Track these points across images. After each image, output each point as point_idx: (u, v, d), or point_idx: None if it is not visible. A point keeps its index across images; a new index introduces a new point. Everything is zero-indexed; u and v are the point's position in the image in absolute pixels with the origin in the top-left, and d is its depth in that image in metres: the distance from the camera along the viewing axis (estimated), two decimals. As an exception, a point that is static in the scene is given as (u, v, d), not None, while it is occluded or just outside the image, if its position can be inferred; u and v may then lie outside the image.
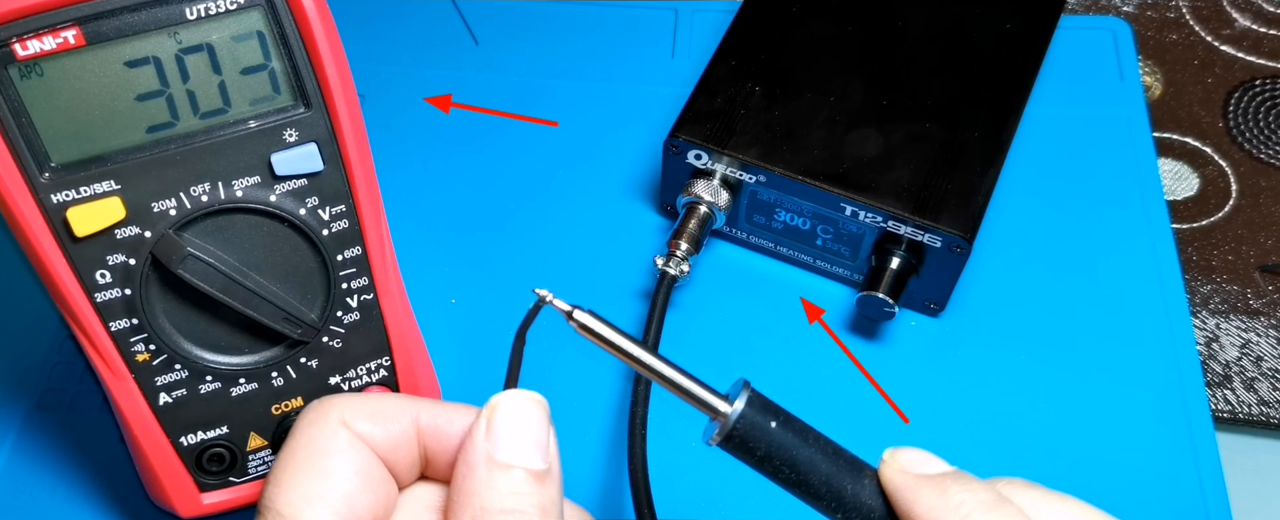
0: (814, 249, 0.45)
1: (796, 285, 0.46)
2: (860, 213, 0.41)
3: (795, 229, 0.44)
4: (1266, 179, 0.50)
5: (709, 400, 0.29)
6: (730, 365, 0.44)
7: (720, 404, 0.29)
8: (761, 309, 0.45)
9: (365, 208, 0.35)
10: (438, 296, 0.45)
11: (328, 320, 0.36)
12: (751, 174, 0.42)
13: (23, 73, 0.30)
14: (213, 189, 0.33)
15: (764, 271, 0.46)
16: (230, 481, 0.37)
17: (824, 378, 0.43)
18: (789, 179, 0.42)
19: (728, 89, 0.44)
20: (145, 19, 0.30)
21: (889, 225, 0.41)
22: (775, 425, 0.29)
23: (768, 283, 0.46)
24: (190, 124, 0.32)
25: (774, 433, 0.29)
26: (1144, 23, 0.56)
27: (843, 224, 0.43)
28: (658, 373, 0.29)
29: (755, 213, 0.44)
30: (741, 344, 0.44)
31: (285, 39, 0.32)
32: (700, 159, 0.43)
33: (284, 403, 0.37)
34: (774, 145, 0.42)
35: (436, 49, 0.53)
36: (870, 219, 0.41)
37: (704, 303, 0.45)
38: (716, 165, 0.43)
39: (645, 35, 0.54)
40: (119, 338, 0.34)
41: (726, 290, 0.46)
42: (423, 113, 0.51)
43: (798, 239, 0.45)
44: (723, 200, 0.43)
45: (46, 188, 0.31)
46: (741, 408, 0.29)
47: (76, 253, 0.32)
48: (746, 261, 0.47)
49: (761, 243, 0.46)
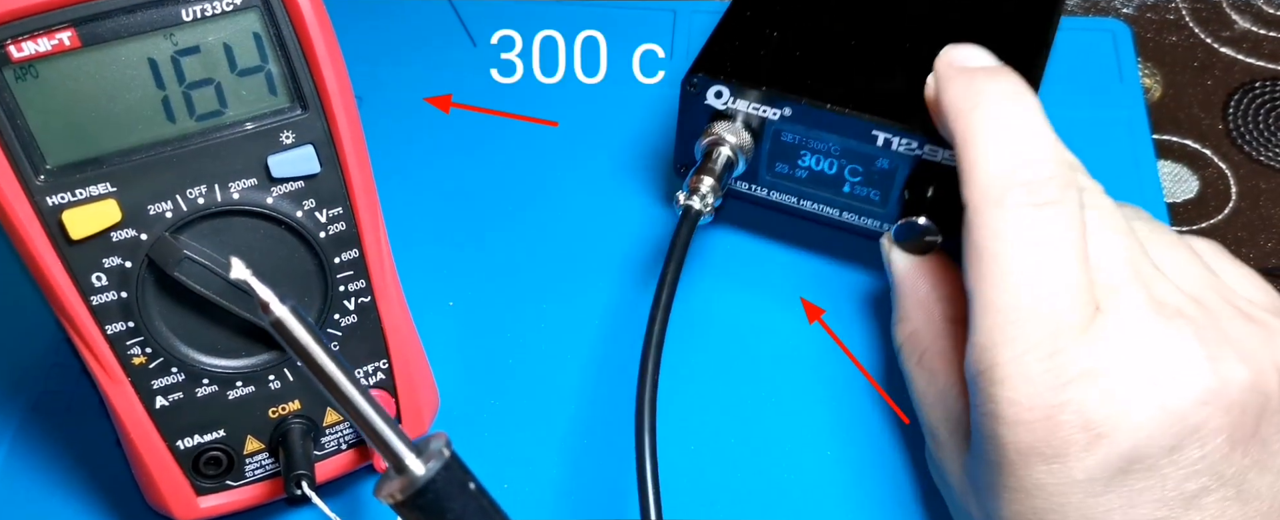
0: (841, 198, 0.42)
1: (798, 282, 0.45)
2: (893, 140, 0.39)
3: (821, 175, 0.42)
4: (1266, 181, 0.50)
5: (400, 451, 0.26)
6: (729, 363, 0.43)
7: (411, 459, 0.27)
8: (761, 305, 0.45)
9: (363, 210, 0.34)
10: (436, 299, 0.45)
11: (325, 323, 0.36)
12: (777, 108, 0.40)
13: (18, 75, 0.30)
14: (209, 191, 0.32)
15: (765, 268, 0.46)
16: (227, 485, 0.37)
17: (823, 376, 0.43)
18: (817, 108, 0.39)
19: (746, 32, 0.42)
20: (141, 21, 0.30)
21: (924, 151, 0.39)
22: (473, 488, 0.27)
23: (769, 278, 0.46)
24: (186, 126, 0.32)
25: (470, 495, 0.27)
26: (1143, 24, 0.56)
27: (873, 159, 0.40)
28: (351, 402, 0.26)
29: (778, 160, 0.42)
30: (740, 341, 0.44)
31: (282, 40, 0.32)
32: (721, 97, 0.40)
33: (281, 406, 0.36)
34: (799, 77, 0.40)
35: (434, 50, 0.53)
36: (904, 147, 0.39)
37: (703, 299, 0.45)
38: (738, 103, 0.40)
39: (644, 36, 0.54)
40: (115, 341, 0.34)
41: (726, 287, 0.45)
42: (421, 114, 0.51)
43: (824, 187, 0.42)
44: (746, 142, 0.40)
45: (42, 190, 0.31)
46: (437, 468, 0.26)
47: (72, 255, 0.32)
48: (747, 256, 0.46)
49: (783, 199, 0.43)
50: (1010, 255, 0.31)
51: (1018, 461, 0.31)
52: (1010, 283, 0.31)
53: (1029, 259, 0.31)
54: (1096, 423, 0.30)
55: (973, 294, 0.32)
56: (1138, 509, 0.30)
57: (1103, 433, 0.30)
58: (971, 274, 0.32)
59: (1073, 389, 0.30)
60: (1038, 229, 0.31)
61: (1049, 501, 0.31)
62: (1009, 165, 0.32)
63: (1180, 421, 0.30)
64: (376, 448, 0.27)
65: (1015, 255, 0.31)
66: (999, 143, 0.32)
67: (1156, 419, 0.30)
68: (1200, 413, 0.30)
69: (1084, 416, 0.30)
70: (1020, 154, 0.32)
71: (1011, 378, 0.31)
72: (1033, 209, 0.31)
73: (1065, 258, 0.31)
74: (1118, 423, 0.30)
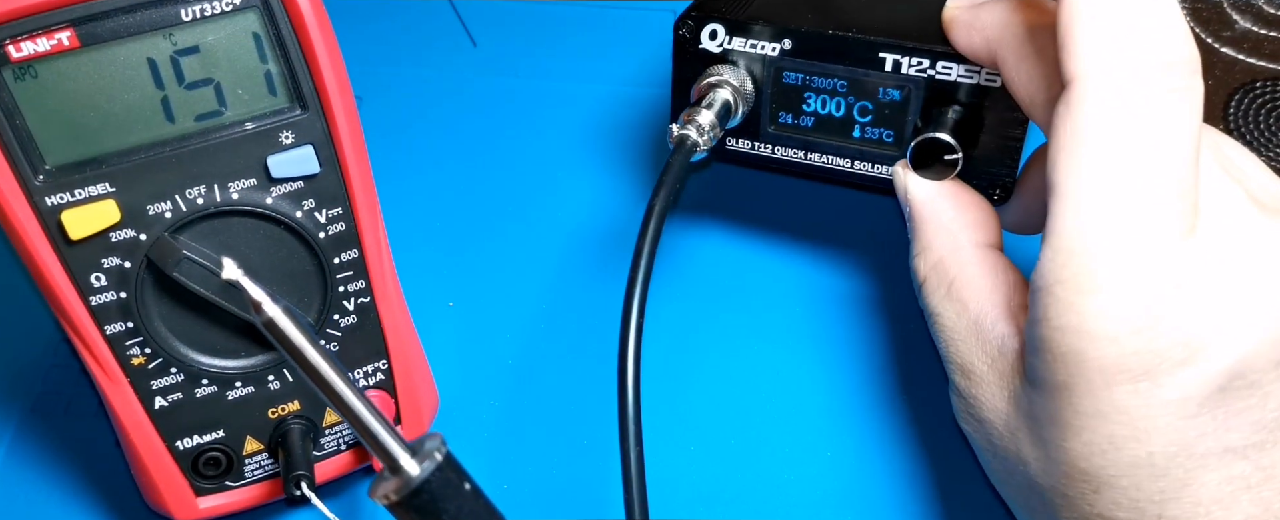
0: (851, 144, 0.39)
1: (795, 279, 0.45)
2: (903, 62, 0.36)
3: (828, 119, 0.39)
4: (1267, 181, 0.50)
5: (395, 452, 0.26)
6: (722, 363, 0.43)
7: (406, 459, 0.26)
8: (754, 305, 0.45)
9: (362, 210, 0.34)
10: (435, 300, 0.45)
11: (324, 323, 0.36)
12: (777, 41, 0.37)
13: (17, 75, 0.30)
14: (208, 191, 0.32)
15: (761, 265, 0.46)
16: (226, 486, 0.37)
17: (817, 375, 0.43)
18: (819, 34, 0.37)
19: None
20: (140, 20, 0.30)
21: (938, 70, 0.36)
22: (468, 489, 0.27)
23: (761, 278, 0.45)
24: (186, 126, 0.32)
25: (465, 497, 0.27)
26: None
27: (883, 90, 0.37)
28: (344, 402, 0.26)
29: (781, 109, 0.39)
30: (733, 337, 0.44)
31: (281, 41, 0.32)
32: (716, 38, 0.38)
33: (280, 406, 0.36)
34: (797, 9, 0.38)
35: (434, 51, 0.53)
36: (917, 68, 0.36)
37: (695, 298, 0.45)
38: (736, 41, 0.38)
39: (644, 37, 0.53)
40: (114, 341, 0.34)
41: (718, 286, 0.45)
42: (420, 115, 0.51)
43: (832, 133, 0.39)
44: (745, 85, 0.38)
45: (41, 190, 0.31)
46: (432, 468, 0.26)
47: (71, 256, 0.32)
48: (740, 253, 0.46)
49: (790, 154, 0.40)
50: (1124, 145, 0.27)
51: (1099, 381, 0.28)
52: (1117, 178, 0.27)
53: (1145, 152, 0.27)
54: (1196, 336, 0.27)
55: (1062, 191, 0.28)
56: (1232, 433, 0.27)
57: (1201, 346, 0.27)
58: (1063, 166, 0.28)
59: (1172, 300, 0.27)
60: (1163, 117, 0.27)
61: (1131, 427, 0.28)
62: (1141, 35, 0.27)
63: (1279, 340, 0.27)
64: (371, 448, 0.27)
65: (1130, 146, 0.27)
66: (1131, 8, 0.28)
67: (1263, 331, 0.27)
68: None
69: (1184, 329, 0.27)
70: (1154, 24, 0.27)
71: (1106, 286, 0.27)
72: (1163, 94, 0.27)
73: (1184, 154, 0.27)
74: (1220, 336, 0.27)
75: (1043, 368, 0.29)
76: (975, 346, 0.33)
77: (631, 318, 0.33)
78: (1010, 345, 0.31)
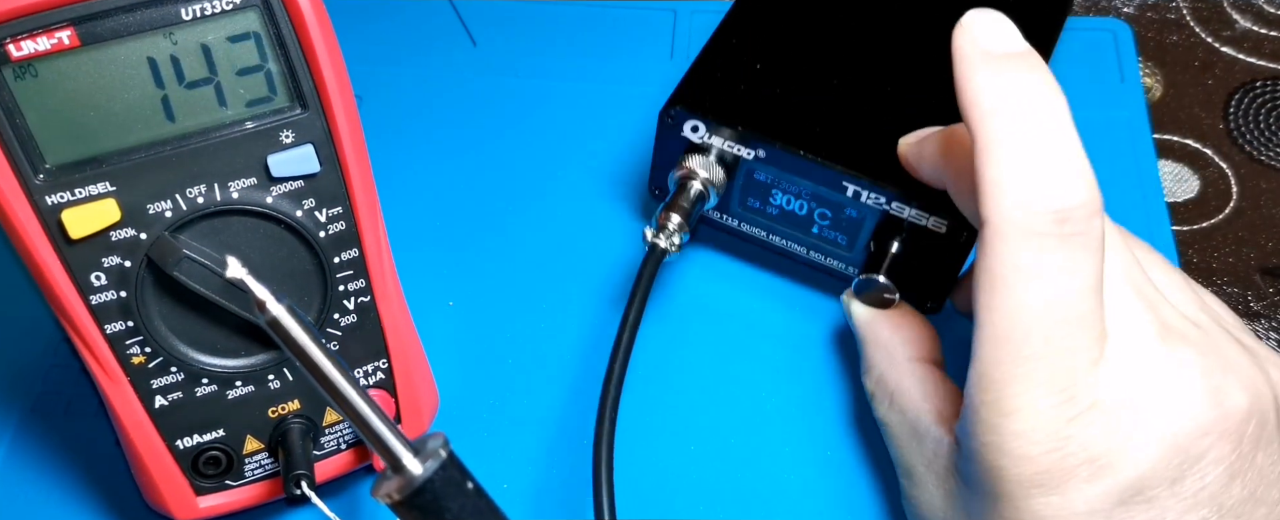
0: (809, 237, 0.43)
1: (787, 299, 0.45)
2: (863, 193, 0.39)
3: (791, 214, 0.42)
4: (1267, 181, 0.50)
5: (398, 451, 0.26)
6: (707, 368, 0.43)
7: (409, 458, 0.26)
8: (750, 321, 0.45)
9: (362, 210, 0.34)
10: (435, 299, 0.45)
11: (324, 323, 0.36)
12: (751, 148, 0.40)
13: (17, 74, 0.29)
14: (209, 191, 0.32)
15: (754, 282, 0.46)
16: (227, 485, 0.37)
17: (820, 390, 0.43)
18: (790, 154, 0.40)
19: (728, 64, 0.42)
20: (140, 20, 0.30)
21: (892, 207, 0.39)
22: (471, 487, 0.27)
23: (757, 292, 0.45)
24: (186, 125, 0.32)
25: (468, 495, 0.27)
26: (1144, 24, 0.55)
27: (842, 207, 0.41)
28: (348, 401, 0.26)
29: (750, 195, 0.42)
30: (718, 343, 0.44)
31: (281, 40, 0.31)
32: (697, 131, 0.40)
33: (281, 405, 0.36)
34: (776, 119, 0.40)
35: (434, 50, 0.53)
36: (873, 200, 0.39)
37: (689, 314, 0.45)
38: (714, 139, 0.40)
39: (644, 36, 0.53)
40: (114, 340, 0.34)
41: (713, 301, 0.45)
42: (420, 114, 0.51)
43: (793, 225, 0.43)
44: (718, 178, 0.41)
45: (41, 189, 0.31)
46: (434, 467, 0.26)
47: (71, 255, 0.32)
48: (734, 273, 0.46)
49: (753, 231, 0.44)
50: (1028, 287, 0.29)
51: (1018, 493, 0.30)
52: (1024, 315, 0.29)
53: (1047, 292, 0.29)
54: (1101, 455, 0.30)
55: (981, 322, 0.30)
56: None
57: (1106, 464, 0.30)
58: (982, 301, 0.30)
59: (1080, 421, 0.30)
60: (1061, 261, 0.29)
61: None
62: (1039, 188, 0.29)
63: (1183, 453, 0.30)
64: (373, 447, 0.27)
65: (1034, 287, 0.29)
66: (1030, 159, 0.29)
67: (1160, 451, 0.30)
68: (1202, 443, 0.30)
69: (1089, 449, 0.30)
70: (1052, 175, 0.29)
71: (1020, 410, 0.30)
72: (1059, 240, 0.29)
73: (1085, 290, 0.29)
74: (1122, 454, 0.30)
75: (972, 475, 0.32)
76: (915, 450, 0.36)
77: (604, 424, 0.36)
78: (944, 448, 0.34)
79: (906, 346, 0.38)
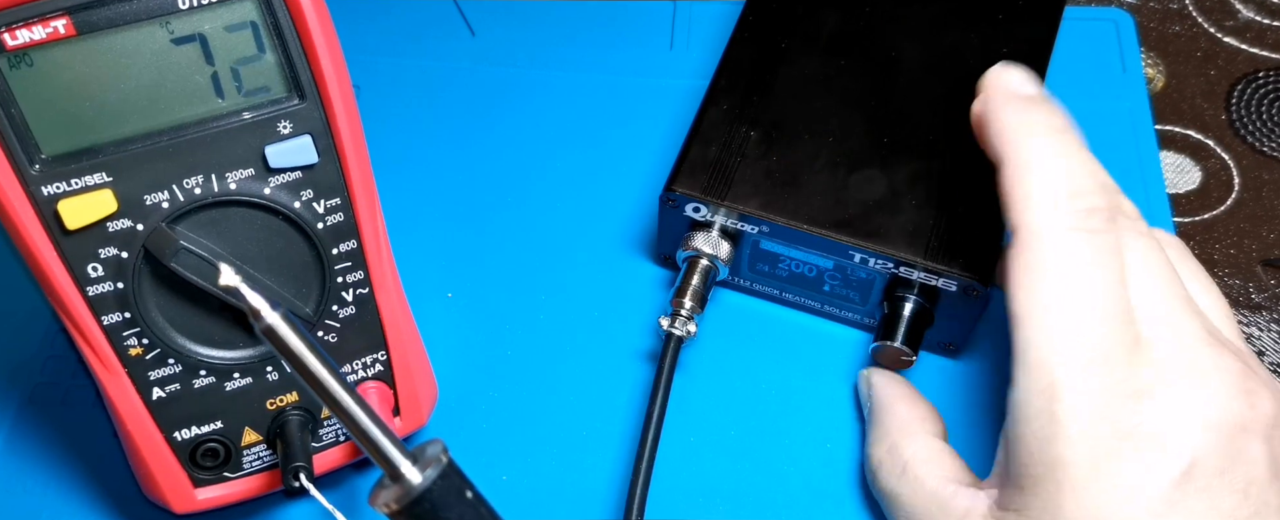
0: (822, 295, 0.43)
1: (805, 331, 0.44)
2: (869, 260, 0.40)
3: (801, 276, 0.43)
4: (1269, 172, 0.50)
5: (396, 459, 0.26)
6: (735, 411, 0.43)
7: (407, 466, 0.26)
8: (769, 354, 0.44)
9: (360, 201, 0.34)
10: (434, 291, 0.45)
11: (323, 314, 0.35)
12: (753, 225, 0.41)
13: (12, 63, 0.29)
14: (206, 181, 0.32)
15: (771, 316, 0.45)
16: (225, 477, 0.37)
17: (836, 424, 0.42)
18: (792, 228, 0.40)
19: (721, 136, 0.42)
20: (136, 9, 0.30)
21: (900, 271, 0.40)
22: (470, 496, 0.26)
23: (775, 328, 0.44)
24: (183, 116, 0.32)
25: (468, 505, 0.26)
26: (1146, 14, 0.55)
27: (851, 270, 0.41)
28: (344, 408, 0.26)
29: (759, 261, 0.43)
30: (749, 390, 0.43)
31: (279, 29, 0.31)
32: (698, 211, 0.41)
33: (279, 398, 0.36)
34: (775, 194, 0.41)
35: (432, 40, 0.53)
36: (880, 265, 0.40)
37: (709, 349, 0.44)
38: (715, 218, 0.41)
39: (643, 27, 0.53)
40: (111, 332, 0.33)
41: (732, 336, 0.44)
42: (419, 105, 0.51)
43: (804, 286, 0.43)
44: (724, 252, 0.41)
45: (37, 180, 0.31)
46: (434, 476, 0.26)
47: (68, 246, 0.32)
48: (752, 307, 0.45)
49: (766, 290, 0.44)
50: (1069, 276, 0.32)
51: (1080, 480, 0.31)
52: (1069, 300, 0.32)
53: (1085, 280, 0.32)
54: (1155, 434, 0.31)
55: (1023, 319, 0.32)
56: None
57: (1161, 445, 0.30)
58: (1024, 299, 0.33)
59: (1130, 404, 0.31)
60: (1092, 255, 0.32)
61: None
62: (1062, 194, 0.33)
63: (1227, 441, 0.31)
64: (372, 456, 0.26)
65: (1073, 277, 0.32)
66: (1057, 170, 0.34)
67: (1206, 435, 0.31)
68: (1242, 438, 0.31)
69: (1142, 430, 0.31)
70: (1076, 183, 0.34)
71: (1074, 391, 0.31)
72: (1088, 234, 0.33)
73: (1115, 282, 0.32)
74: (1173, 436, 0.31)
75: (1028, 483, 0.32)
76: (938, 517, 0.36)
77: None
78: (979, 507, 0.34)
79: (923, 423, 0.39)
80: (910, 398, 0.40)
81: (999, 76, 0.37)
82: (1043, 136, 0.35)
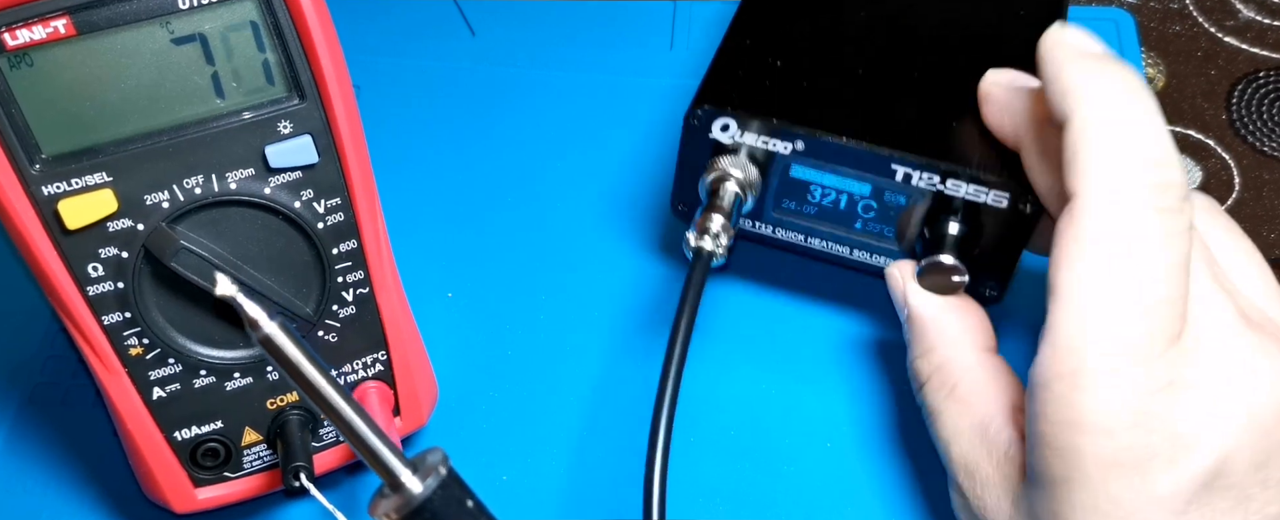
0: (852, 235, 0.40)
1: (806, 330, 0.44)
2: (913, 174, 0.36)
3: (831, 211, 0.39)
4: (1269, 172, 0.50)
5: (396, 469, 0.25)
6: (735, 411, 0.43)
7: (407, 476, 0.26)
8: (770, 354, 0.43)
9: (361, 200, 0.34)
10: (434, 290, 0.45)
11: (323, 314, 0.35)
12: (787, 141, 0.37)
13: (12, 63, 0.29)
14: (206, 181, 0.32)
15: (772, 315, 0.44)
16: (225, 477, 0.37)
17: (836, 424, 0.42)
18: (831, 141, 0.37)
19: (747, 62, 0.40)
20: (137, 9, 0.30)
21: (946, 186, 0.36)
22: (471, 505, 0.26)
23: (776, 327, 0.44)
24: (183, 115, 0.32)
25: (468, 514, 0.26)
26: (1147, 14, 0.55)
27: (889, 195, 0.38)
28: (342, 417, 0.26)
29: (785, 197, 0.39)
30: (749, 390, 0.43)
31: (279, 29, 0.31)
32: (727, 130, 0.37)
33: (279, 397, 0.36)
34: (810, 108, 0.38)
35: (433, 40, 0.53)
36: (925, 180, 0.36)
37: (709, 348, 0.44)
38: (746, 136, 0.37)
39: (644, 27, 0.53)
40: (112, 332, 0.33)
41: (733, 335, 0.44)
42: (419, 104, 0.51)
43: (834, 223, 0.39)
44: (753, 177, 0.38)
45: (37, 180, 0.31)
46: (434, 485, 0.25)
47: (68, 246, 0.32)
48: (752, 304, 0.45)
49: (790, 236, 0.41)
50: (1123, 257, 0.29)
51: (1096, 475, 0.29)
52: (1114, 285, 0.29)
53: (1140, 263, 0.29)
54: (1184, 433, 0.29)
55: (1062, 290, 0.30)
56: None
57: (1190, 444, 0.29)
58: (1066, 270, 0.30)
59: (1161, 398, 0.29)
60: (1158, 236, 0.29)
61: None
62: (1139, 161, 0.30)
63: (1266, 435, 0.29)
64: (371, 464, 0.26)
65: (1127, 256, 0.29)
66: (1129, 135, 0.30)
67: (1243, 432, 0.29)
68: (1278, 433, 0.29)
69: (1173, 426, 0.29)
70: (1150, 152, 0.30)
71: (1100, 383, 0.29)
72: (1156, 213, 0.29)
73: (1175, 266, 0.29)
74: (1205, 434, 0.29)
75: (1041, 463, 0.30)
76: (980, 448, 0.34)
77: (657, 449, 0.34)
78: (1015, 449, 0.33)
79: (975, 335, 0.36)
80: (960, 307, 0.37)
81: (1062, 33, 0.33)
82: (1119, 95, 0.31)
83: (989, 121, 0.36)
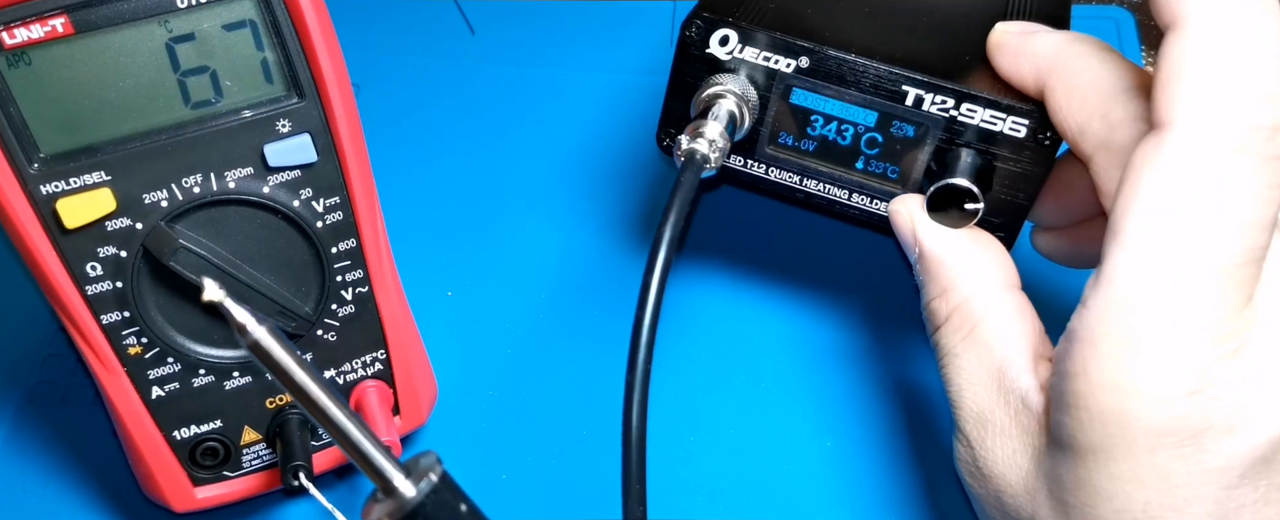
0: (852, 175, 0.36)
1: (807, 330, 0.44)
2: (925, 97, 0.34)
3: (833, 146, 0.36)
4: (1270, 171, 0.50)
5: (388, 472, 0.25)
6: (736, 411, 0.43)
7: (400, 479, 0.25)
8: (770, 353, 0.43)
9: (360, 199, 0.34)
10: (433, 289, 0.45)
11: (322, 313, 0.35)
12: (792, 57, 0.34)
13: (10, 62, 0.29)
14: (205, 180, 0.32)
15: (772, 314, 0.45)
16: (224, 476, 0.37)
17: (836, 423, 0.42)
18: (839, 58, 0.34)
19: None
20: (135, 7, 0.30)
21: (961, 111, 0.33)
22: (465, 510, 0.26)
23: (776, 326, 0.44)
24: (181, 114, 0.32)
25: (462, 518, 0.26)
26: (1147, 12, 0.55)
27: (897, 125, 0.35)
28: (334, 422, 0.25)
29: (783, 129, 0.36)
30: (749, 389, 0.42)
31: (278, 28, 0.31)
32: (726, 44, 0.35)
33: (278, 397, 0.36)
34: (816, 24, 0.35)
35: (432, 38, 0.53)
36: (938, 105, 0.34)
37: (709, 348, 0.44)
38: (747, 51, 0.35)
39: (642, 26, 0.53)
40: (111, 331, 0.33)
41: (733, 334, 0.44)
42: (418, 103, 0.51)
43: (834, 162, 0.36)
44: (751, 97, 0.35)
45: (36, 179, 0.31)
46: (427, 489, 0.25)
47: (67, 245, 0.32)
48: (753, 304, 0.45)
49: (784, 178, 0.37)
50: (1207, 201, 0.26)
51: (1144, 444, 0.26)
52: (1192, 236, 0.26)
53: (1227, 215, 0.26)
54: (1244, 404, 0.26)
55: (1128, 233, 0.26)
56: (1270, 507, 0.27)
57: (1249, 417, 0.26)
58: (1136, 211, 0.26)
59: (1228, 364, 0.26)
60: (1252, 184, 0.25)
61: (1171, 495, 0.27)
62: (1251, 95, 0.25)
63: None
64: (363, 469, 0.26)
65: (1214, 205, 0.26)
66: (1246, 61, 0.26)
67: None
68: None
69: (1234, 395, 0.26)
70: (1267, 86, 0.25)
71: (1162, 345, 0.26)
72: (1260, 160, 0.25)
73: (1264, 221, 0.26)
74: (1267, 407, 0.26)
75: (1074, 426, 0.27)
76: (996, 396, 0.31)
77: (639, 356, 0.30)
78: (1034, 399, 0.30)
79: (997, 270, 0.33)
80: (977, 239, 0.34)
81: (1007, 25, 0.31)
82: (1244, 7, 0.26)
83: (1005, 72, 0.33)
